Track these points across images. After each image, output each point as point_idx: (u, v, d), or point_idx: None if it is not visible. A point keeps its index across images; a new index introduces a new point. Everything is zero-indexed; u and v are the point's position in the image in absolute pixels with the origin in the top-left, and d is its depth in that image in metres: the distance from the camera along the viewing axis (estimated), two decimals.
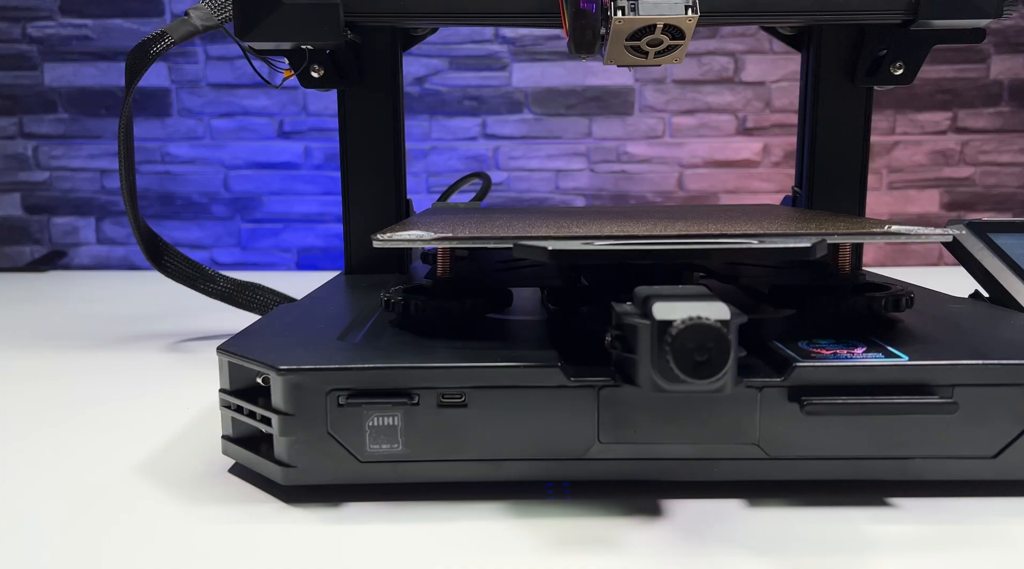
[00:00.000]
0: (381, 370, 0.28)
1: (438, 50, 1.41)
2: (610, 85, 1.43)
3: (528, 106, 1.43)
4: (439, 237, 0.31)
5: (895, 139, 1.40)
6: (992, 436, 0.29)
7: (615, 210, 0.48)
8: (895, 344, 0.31)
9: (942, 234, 0.31)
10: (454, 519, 0.28)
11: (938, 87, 1.38)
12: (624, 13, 0.39)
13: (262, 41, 0.44)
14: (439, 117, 1.43)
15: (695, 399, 0.29)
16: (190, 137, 1.42)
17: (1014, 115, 1.38)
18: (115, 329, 0.63)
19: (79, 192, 1.44)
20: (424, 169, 1.45)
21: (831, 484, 0.30)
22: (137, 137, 1.42)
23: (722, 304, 0.26)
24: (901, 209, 1.42)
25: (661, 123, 1.44)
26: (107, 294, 0.82)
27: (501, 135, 1.43)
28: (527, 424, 0.29)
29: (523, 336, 0.34)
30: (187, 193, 1.44)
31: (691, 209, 0.48)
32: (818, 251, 0.28)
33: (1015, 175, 1.40)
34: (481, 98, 1.43)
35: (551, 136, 1.45)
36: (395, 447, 0.29)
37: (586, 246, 0.29)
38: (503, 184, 1.45)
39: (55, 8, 1.38)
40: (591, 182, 1.45)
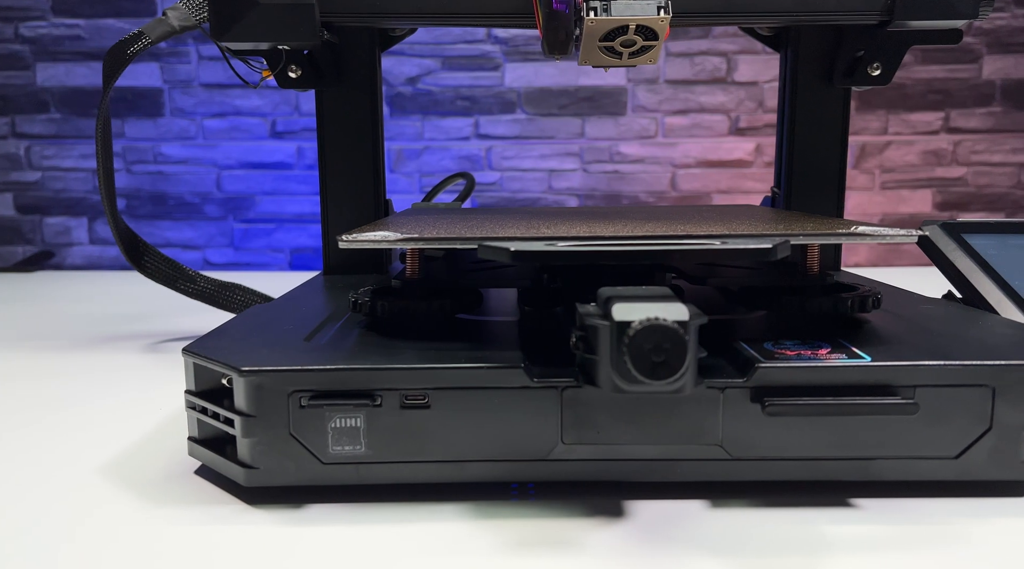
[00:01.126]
0: (343, 371, 0.28)
1: (430, 50, 1.41)
2: (603, 85, 1.43)
3: (521, 106, 1.43)
4: (405, 238, 0.31)
5: (887, 139, 1.40)
6: (954, 437, 0.29)
7: (594, 211, 0.48)
8: (860, 345, 0.31)
9: (906, 235, 0.31)
10: (416, 520, 0.28)
11: (930, 87, 1.38)
12: (596, 14, 0.39)
13: (238, 41, 0.44)
14: (432, 117, 1.43)
15: (658, 400, 0.29)
16: (182, 137, 1.42)
17: (1006, 115, 1.38)
18: (97, 329, 0.63)
19: (71, 192, 1.44)
20: (417, 169, 1.45)
21: (793, 485, 0.30)
22: (129, 137, 1.42)
23: (681, 305, 0.26)
24: (894, 209, 1.42)
25: (654, 123, 1.44)
26: (93, 294, 0.82)
27: (494, 135, 1.43)
28: (490, 425, 0.29)
29: (492, 337, 0.34)
30: (179, 193, 1.44)
31: (669, 210, 0.48)
32: (779, 252, 0.28)
33: (1007, 175, 1.40)
34: (474, 98, 1.43)
35: (544, 136, 1.45)
36: (358, 449, 0.29)
37: (548, 247, 0.29)
38: (496, 184, 1.45)
39: (47, 8, 1.38)
40: (584, 182, 1.45)
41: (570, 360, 0.29)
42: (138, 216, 1.44)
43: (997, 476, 0.29)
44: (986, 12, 0.43)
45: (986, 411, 0.28)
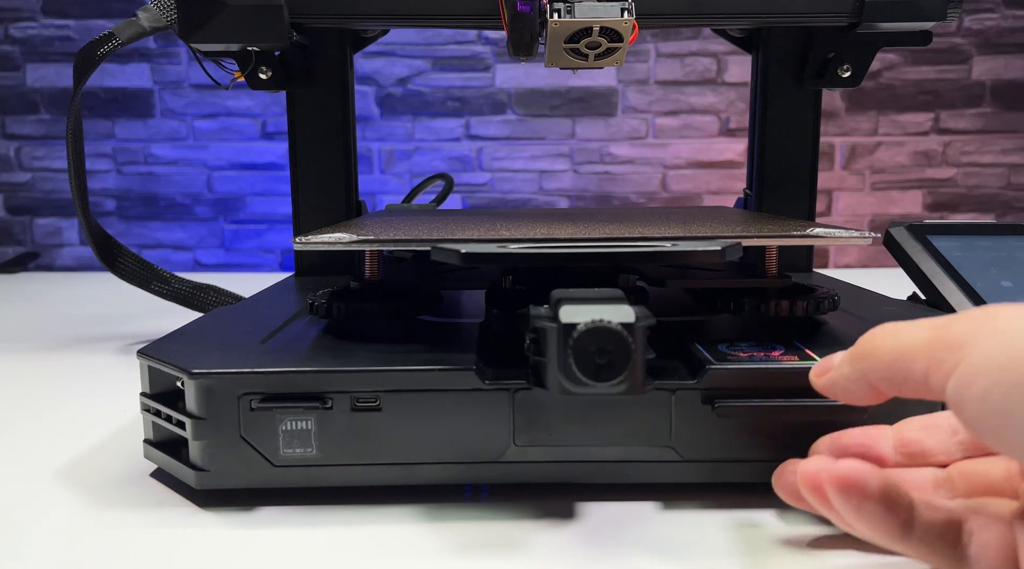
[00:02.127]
0: (293, 374, 0.28)
1: (421, 51, 1.41)
2: (593, 86, 1.43)
3: (511, 107, 1.43)
4: (359, 240, 0.31)
5: (877, 140, 1.40)
6: None
7: (568, 213, 0.48)
8: (815, 347, 0.31)
9: (861, 236, 0.31)
10: (367, 523, 0.28)
11: (920, 88, 1.38)
12: (560, 16, 0.39)
13: (206, 43, 0.44)
14: (422, 118, 1.43)
15: (609, 401, 0.29)
16: (173, 138, 1.42)
17: (996, 116, 1.38)
18: (72, 331, 0.63)
19: (61, 193, 1.44)
20: (407, 170, 1.45)
21: (745, 486, 0.30)
22: (120, 138, 1.42)
23: (628, 308, 0.26)
24: (884, 210, 1.42)
25: (644, 124, 1.44)
26: (74, 295, 0.82)
27: (485, 136, 1.43)
28: (442, 427, 0.29)
29: (451, 339, 0.34)
30: (170, 194, 1.44)
31: (640, 212, 0.48)
32: (728, 255, 0.28)
33: (997, 176, 1.40)
34: (464, 99, 1.43)
35: (535, 137, 1.45)
36: (309, 451, 0.29)
37: (500, 249, 0.29)
38: (487, 185, 1.45)
39: (37, 9, 1.38)
40: (575, 183, 1.45)
41: (526, 362, 0.29)
42: (129, 217, 1.44)
43: None
44: (954, 15, 0.43)
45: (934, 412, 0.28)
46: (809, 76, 0.48)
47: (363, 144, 1.44)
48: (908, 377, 0.21)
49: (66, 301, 0.79)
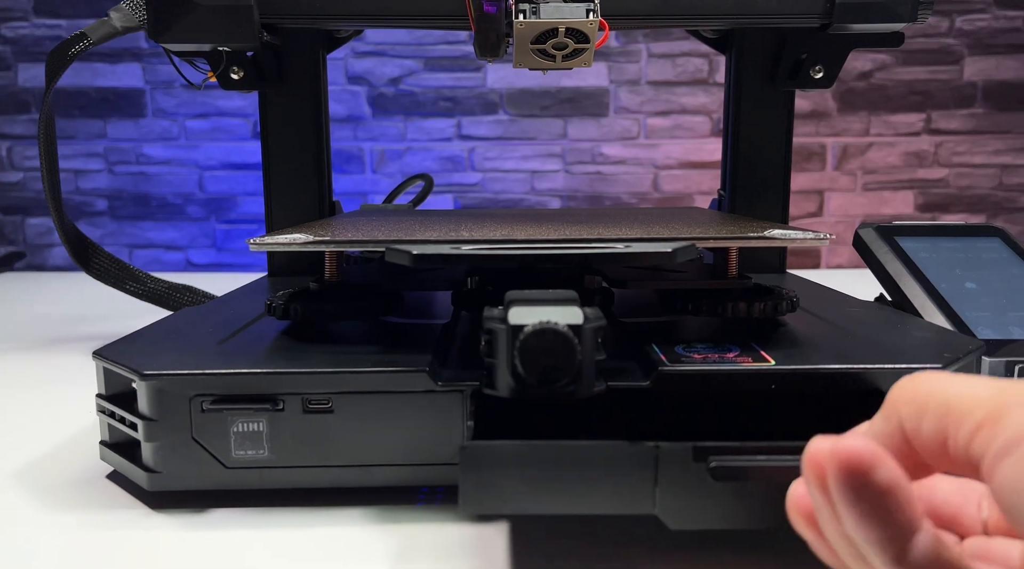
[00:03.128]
0: (244, 375, 0.28)
1: (412, 51, 1.41)
2: (584, 86, 1.43)
3: (503, 107, 1.43)
4: (314, 240, 0.31)
5: (869, 141, 1.40)
6: None
7: (542, 214, 0.48)
8: (771, 348, 0.31)
9: (817, 238, 0.31)
10: (318, 525, 0.28)
11: (911, 89, 1.38)
12: (525, 16, 0.39)
13: (176, 43, 0.44)
14: (414, 118, 1.43)
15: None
16: (164, 138, 1.42)
17: (987, 117, 1.38)
18: (47, 331, 0.63)
19: None
20: (399, 169, 1.45)
21: None
22: (111, 138, 1.42)
23: (577, 309, 0.26)
24: (875, 210, 1.42)
25: (636, 124, 1.44)
26: (57, 295, 0.82)
27: (476, 136, 1.43)
28: (395, 429, 0.29)
29: (411, 340, 0.33)
30: (162, 194, 1.44)
31: (611, 213, 0.48)
32: (679, 256, 0.28)
33: (988, 176, 1.40)
34: (456, 99, 1.43)
35: (526, 137, 1.44)
36: (261, 453, 0.29)
37: (452, 251, 0.29)
38: (478, 185, 1.45)
39: (29, 8, 1.38)
40: (566, 183, 1.45)
41: (481, 364, 0.29)
42: (120, 217, 1.44)
43: None
44: (924, 16, 0.43)
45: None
46: (782, 77, 0.48)
47: (355, 144, 1.44)
48: (954, 434, 0.17)
49: (47, 301, 0.79)
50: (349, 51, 1.41)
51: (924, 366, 0.28)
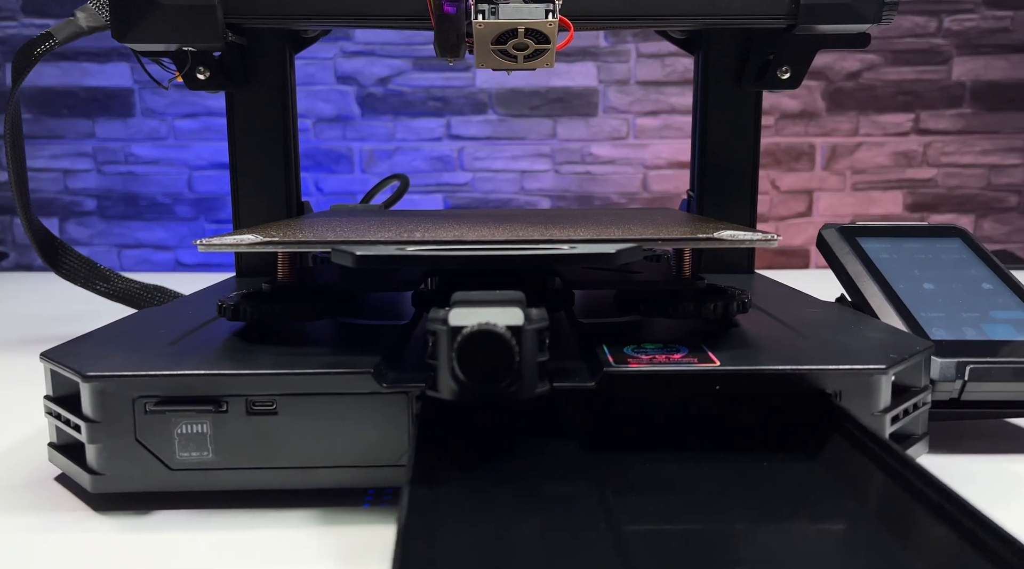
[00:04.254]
0: (186, 376, 0.28)
1: (401, 51, 1.41)
2: (574, 86, 1.43)
3: (492, 107, 1.43)
4: (262, 241, 0.31)
5: (858, 140, 1.40)
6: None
7: (510, 214, 0.48)
8: (720, 349, 0.31)
9: (764, 239, 0.31)
10: (260, 527, 0.28)
11: (900, 89, 1.38)
12: (484, 17, 0.39)
13: (140, 43, 0.44)
14: (403, 118, 1.43)
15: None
16: (153, 137, 1.42)
17: (976, 117, 1.38)
18: (18, 331, 0.63)
19: (42, 192, 1.44)
20: (389, 169, 1.45)
21: None
22: (100, 137, 1.42)
23: (518, 310, 0.26)
24: (864, 210, 1.42)
25: (625, 124, 1.44)
26: (38, 296, 0.82)
27: (465, 136, 1.43)
28: (339, 431, 0.29)
29: (364, 341, 0.33)
30: (151, 193, 1.44)
31: (577, 214, 0.47)
32: (620, 258, 0.28)
33: (977, 176, 1.40)
34: (445, 99, 1.43)
35: (515, 137, 1.44)
36: (205, 455, 0.29)
37: (396, 252, 0.29)
38: (468, 185, 1.45)
39: (17, 8, 1.38)
40: (556, 183, 1.45)
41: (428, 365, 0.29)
42: (109, 217, 1.44)
43: None
44: (889, 17, 0.43)
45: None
46: (749, 78, 0.48)
47: (344, 143, 1.44)
48: None
49: (28, 301, 0.79)
50: (338, 51, 1.41)
51: (868, 367, 0.28)
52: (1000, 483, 0.31)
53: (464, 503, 0.25)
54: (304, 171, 1.44)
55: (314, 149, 1.44)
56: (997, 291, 0.36)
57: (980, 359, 0.32)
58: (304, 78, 1.43)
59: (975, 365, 0.32)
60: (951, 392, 0.32)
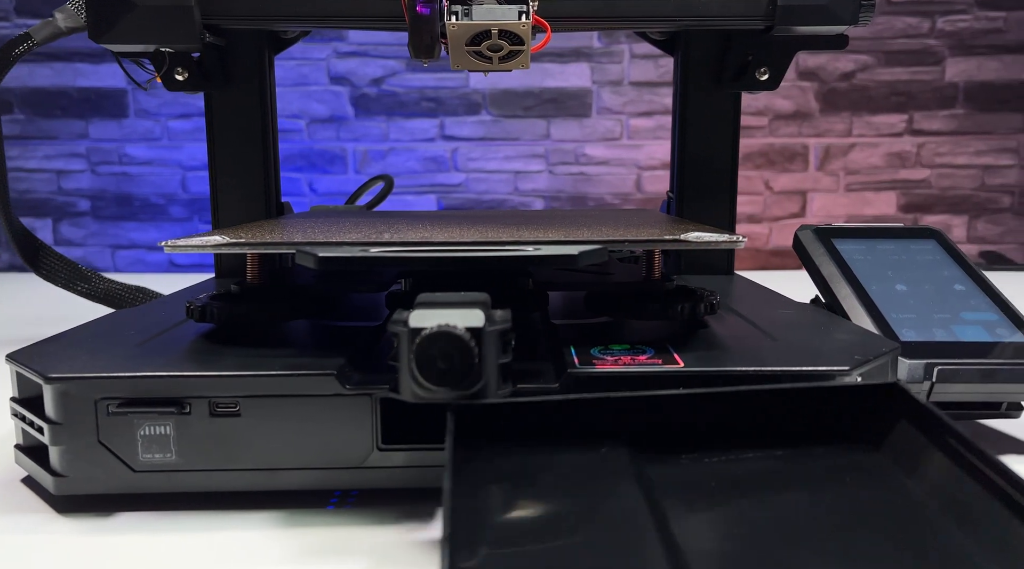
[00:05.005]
0: (150, 378, 0.28)
1: (394, 51, 1.40)
2: (567, 87, 1.43)
3: (486, 107, 1.42)
4: (228, 242, 0.31)
5: (851, 141, 1.40)
6: None
7: (484, 216, 0.48)
8: (687, 350, 0.30)
9: (729, 241, 0.31)
10: (223, 529, 0.28)
11: (893, 89, 1.38)
12: (457, 18, 0.39)
13: (117, 43, 0.44)
14: (397, 118, 1.43)
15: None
16: (147, 138, 1.42)
17: (969, 118, 1.38)
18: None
19: (36, 193, 1.44)
20: (382, 170, 1.45)
21: None
22: (94, 138, 1.41)
23: (479, 312, 0.26)
24: (859, 211, 1.42)
25: (619, 125, 1.44)
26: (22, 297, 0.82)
27: (459, 136, 1.43)
28: (303, 433, 0.29)
29: (332, 343, 0.33)
30: (144, 194, 1.44)
31: (555, 215, 0.47)
32: (583, 260, 0.28)
33: (970, 177, 1.40)
34: (439, 99, 1.42)
35: (509, 137, 1.44)
36: (168, 456, 0.29)
37: (360, 253, 0.29)
38: (462, 185, 1.44)
39: (10, 8, 1.38)
40: (550, 184, 1.45)
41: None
42: (103, 217, 1.44)
43: None
44: (866, 19, 0.43)
45: None
46: (728, 79, 0.48)
47: (337, 144, 1.44)
48: None
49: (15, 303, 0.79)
50: (332, 52, 1.41)
51: (831, 368, 0.28)
52: None
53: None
54: (298, 172, 1.44)
55: (308, 149, 1.44)
56: (969, 292, 0.36)
57: (948, 360, 0.32)
58: (298, 78, 1.43)
59: (943, 366, 0.32)
60: (919, 393, 0.32)
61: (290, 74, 1.40)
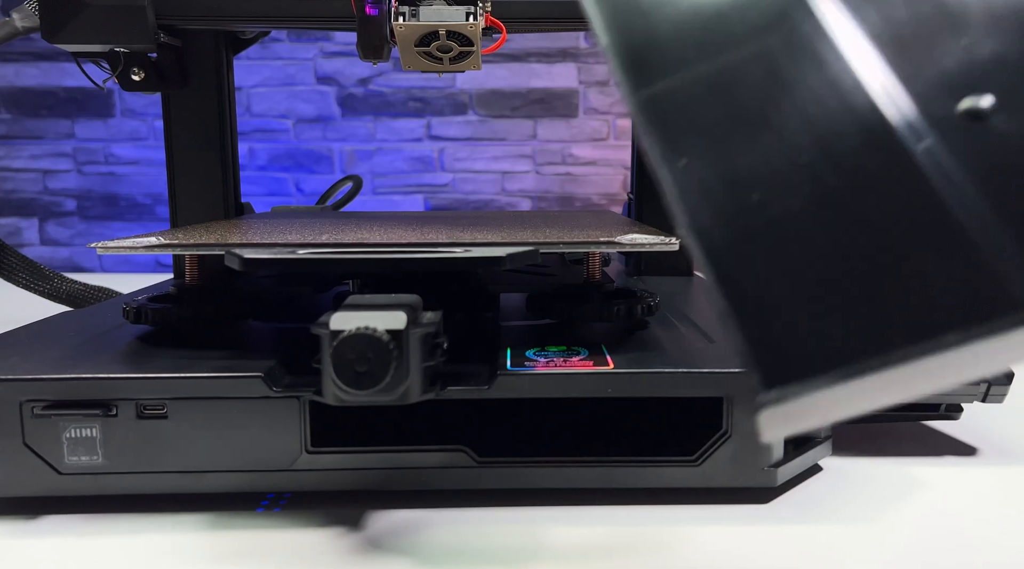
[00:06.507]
0: (74, 380, 0.28)
1: None
2: (554, 87, 1.43)
3: (473, 107, 1.42)
4: (161, 244, 0.31)
5: None
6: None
7: (440, 217, 0.48)
8: (622, 352, 0.30)
9: (664, 243, 0.30)
10: (150, 531, 0.28)
11: None
12: (405, 19, 0.39)
13: (70, 43, 0.43)
14: (384, 118, 1.43)
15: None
16: (134, 138, 1.42)
17: None
18: None
19: (21, 193, 1.44)
20: (369, 170, 1.45)
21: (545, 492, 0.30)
22: (80, 138, 1.41)
23: (401, 314, 0.25)
24: None
25: (605, 125, 1.43)
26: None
27: (446, 137, 1.43)
28: (231, 435, 0.29)
29: (270, 344, 0.33)
30: (131, 194, 1.44)
31: (510, 217, 0.47)
32: (508, 262, 0.28)
33: None
34: (426, 99, 1.42)
35: (496, 138, 1.44)
36: (95, 459, 0.29)
37: (287, 255, 0.29)
38: (449, 186, 1.44)
39: None
40: (537, 184, 1.44)
41: None
42: (89, 217, 1.44)
43: (740, 483, 0.29)
44: None
45: (724, 418, 0.28)
46: None
47: (324, 144, 1.44)
48: None
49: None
50: (318, 51, 1.41)
51: None
52: (897, 485, 0.31)
53: None
54: (284, 172, 1.44)
55: (294, 149, 1.44)
56: None
57: None
58: (284, 78, 1.43)
59: None
60: None
61: (276, 74, 1.40)
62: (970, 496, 0.30)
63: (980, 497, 0.30)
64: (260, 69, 1.41)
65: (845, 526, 0.28)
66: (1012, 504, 0.29)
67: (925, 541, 0.27)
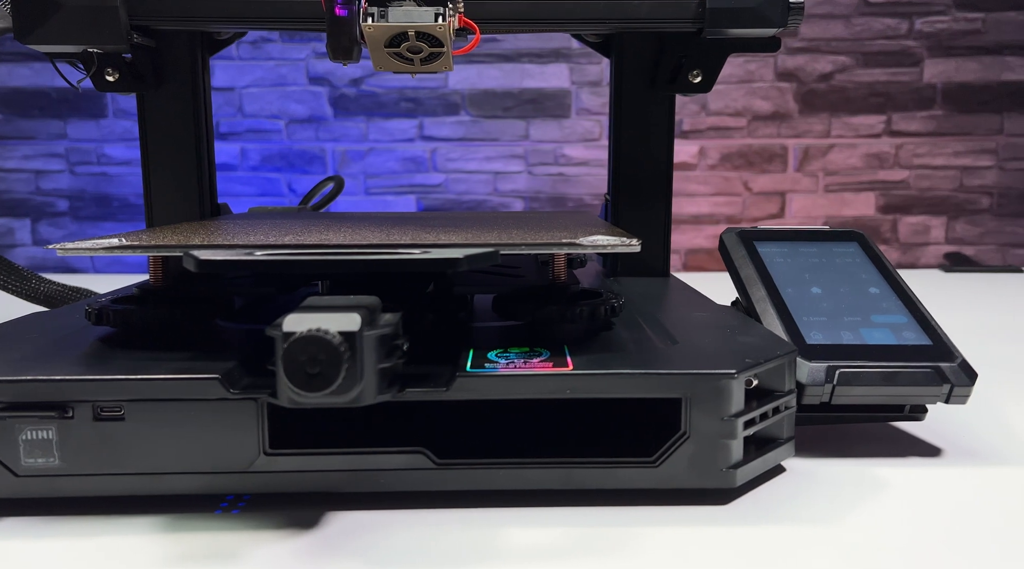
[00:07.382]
0: (30, 382, 0.28)
1: None
2: (546, 87, 1.43)
3: (465, 108, 1.42)
4: (122, 245, 0.31)
5: (830, 142, 1.40)
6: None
7: (410, 218, 0.48)
8: (583, 353, 0.30)
9: (625, 245, 0.30)
10: (107, 534, 0.28)
11: (872, 90, 1.38)
12: (374, 20, 0.38)
13: (43, 44, 0.43)
14: (376, 118, 1.43)
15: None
16: (126, 138, 1.42)
17: (947, 118, 1.38)
18: None
19: (14, 193, 1.44)
20: (362, 170, 1.45)
21: (504, 494, 0.30)
22: (72, 138, 1.41)
23: (355, 316, 0.25)
24: (837, 212, 1.42)
25: (598, 125, 1.43)
26: None
27: (438, 137, 1.43)
28: (188, 437, 0.29)
29: (231, 346, 0.33)
30: (123, 194, 1.44)
31: (482, 217, 0.47)
32: (465, 264, 0.28)
33: (949, 178, 1.40)
34: (418, 100, 1.42)
35: (488, 138, 1.44)
36: (51, 461, 0.29)
37: (244, 256, 0.28)
38: (441, 186, 1.44)
39: None
40: (529, 184, 1.44)
41: None
42: (81, 217, 1.44)
43: (698, 484, 0.29)
44: (795, 23, 0.43)
45: (683, 419, 0.28)
46: (661, 81, 0.48)
47: (316, 144, 1.44)
48: None
49: None
50: (310, 52, 1.41)
51: (717, 371, 0.28)
52: (860, 486, 0.31)
53: None
54: (277, 172, 1.44)
55: (287, 150, 1.44)
56: (883, 295, 0.36)
57: (849, 363, 0.32)
58: (276, 79, 1.43)
59: (844, 369, 0.32)
60: (821, 396, 0.32)
61: (269, 74, 1.40)
62: (934, 497, 0.30)
63: (944, 498, 0.30)
64: (252, 69, 1.41)
65: (805, 527, 0.28)
66: (976, 505, 0.29)
67: (887, 542, 0.27)
